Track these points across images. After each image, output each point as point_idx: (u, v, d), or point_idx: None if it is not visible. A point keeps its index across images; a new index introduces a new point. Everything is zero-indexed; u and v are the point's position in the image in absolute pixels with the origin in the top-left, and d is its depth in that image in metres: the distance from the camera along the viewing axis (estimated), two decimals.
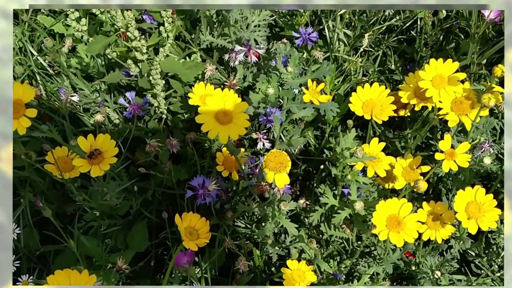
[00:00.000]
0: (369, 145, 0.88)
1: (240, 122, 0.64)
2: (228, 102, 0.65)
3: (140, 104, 0.85)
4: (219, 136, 0.63)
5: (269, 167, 0.73)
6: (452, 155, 0.77)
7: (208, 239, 0.67)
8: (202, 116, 0.64)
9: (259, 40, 1.01)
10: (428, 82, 0.87)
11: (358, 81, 1.21)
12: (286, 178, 0.74)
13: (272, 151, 0.74)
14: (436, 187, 1.07)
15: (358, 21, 1.11)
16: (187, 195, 0.83)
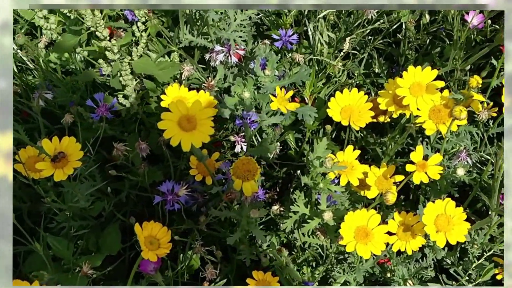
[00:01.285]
0: (344, 152, 0.86)
1: (204, 129, 0.63)
2: (192, 108, 0.63)
3: (108, 106, 0.83)
4: (182, 144, 0.62)
5: (236, 174, 0.72)
6: (423, 166, 0.75)
7: (168, 249, 0.66)
8: (164, 122, 0.62)
9: (239, 40, 1.00)
10: (406, 90, 0.86)
11: (343, 83, 1.19)
12: (254, 186, 0.72)
13: (241, 158, 0.73)
14: (415, 193, 1.06)
15: (342, 23, 1.09)
16: (155, 201, 0.82)
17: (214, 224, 0.96)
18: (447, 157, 0.97)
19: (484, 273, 0.86)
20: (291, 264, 0.83)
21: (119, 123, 1.03)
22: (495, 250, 0.86)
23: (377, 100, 0.92)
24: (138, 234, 0.65)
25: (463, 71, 1.04)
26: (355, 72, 1.20)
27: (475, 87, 0.80)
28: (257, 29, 1.25)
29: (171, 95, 0.86)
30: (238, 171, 0.71)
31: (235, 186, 0.72)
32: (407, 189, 1.08)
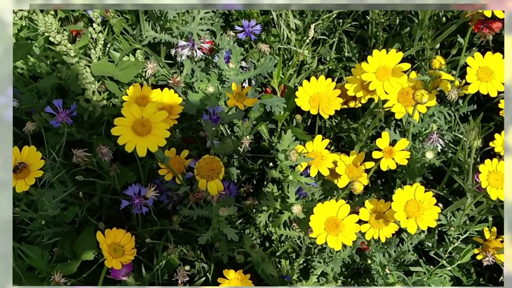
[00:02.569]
0: (313, 142, 0.85)
1: (159, 132, 0.61)
2: (146, 111, 0.62)
3: (68, 112, 0.81)
4: (137, 149, 0.60)
5: (200, 174, 0.71)
6: (390, 153, 0.74)
7: (133, 255, 0.65)
8: (118, 128, 0.61)
9: (203, 34, 0.98)
10: (372, 75, 0.84)
11: (315, 70, 1.18)
12: (219, 185, 0.71)
13: (204, 157, 0.72)
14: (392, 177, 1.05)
15: (307, 10, 1.07)
16: (122, 206, 0.81)
17: (191, 222, 0.95)
18: (421, 138, 0.96)
19: (463, 255, 0.85)
20: (267, 259, 0.82)
21: (89, 126, 1.01)
22: (471, 232, 0.85)
23: (345, 86, 0.91)
24: (101, 242, 0.64)
25: (433, 49, 1.03)
26: (327, 57, 1.18)
27: (438, 68, 0.78)
28: (226, 19, 1.23)
29: (134, 95, 0.84)
30: (201, 170, 0.70)
31: (200, 186, 0.70)
32: (385, 172, 1.07)
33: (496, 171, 0.72)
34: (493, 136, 0.87)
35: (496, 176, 0.71)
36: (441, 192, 0.92)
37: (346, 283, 0.96)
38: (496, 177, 0.71)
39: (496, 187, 0.71)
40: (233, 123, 1.01)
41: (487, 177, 0.72)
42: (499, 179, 0.71)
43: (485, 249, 0.88)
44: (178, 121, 0.99)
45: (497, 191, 0.71)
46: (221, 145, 0.75)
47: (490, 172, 0.72)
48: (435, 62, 0.78)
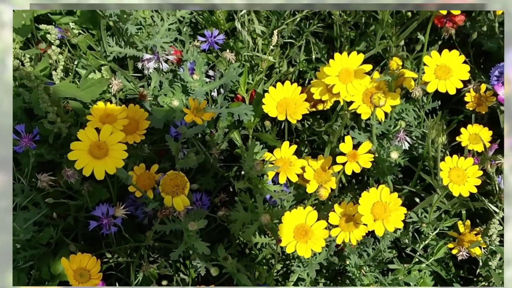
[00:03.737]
0: (280, 149, 0.85)
1: (116, 154, 0.61)
2: (103, 134, 0.62)
3: (31, 136, 0.81)
4: (94, 172, 0.60)
5: (165, 191, 0.71)
6: (354, 156, 0.74)
7: (99, 279, 0.65)
8: (74, 153, 0.61)
9: (167, 46, 0.97)
10: (335, 78, 0.84)
11: (286, 73, 1.18)
12: (185, 200, 0.71)
13: (168, 174, 0.71)
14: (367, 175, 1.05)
15: (272, 15, 1.07)
16: (90, 227, 0.80)
17: (167, 235, 0.95)
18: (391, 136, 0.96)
19: (437, 251, 0.85)
20: (242, 269, 0.82)
21: (59, 146, 1.01)
22: (446, 226, 0.85)
23: (311, 90, 0.91)
24: (66, 268, 0.64)
25: (398, 47, 1.03)
26: (297, 59, 1.18)
27: (395, 69, 0.78)
28: (195, 27, 1.23)
29: (97, 114, 0.84)
30: (166, 187, 0.70)
31: (165, 203, 0.70)
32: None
33: (458, 168, 0.72)
34: (461, 128, 0.88)
35: (458, 173, 0.72)
36: (413, 188, 0.93)
37: (327, 285, 0.96)
38: (458, 173, 0.72)
39: (458, 184, 0.71)
40: (204, 133, 1.01)
41: (448, 174, 0.72)
42: (460, 175, 0.71)
43: (460, 243, 0.88)
44: (150, 134, 0.99)
45: (459, 188, 0.71)
46: (185, 160, 0.75)
47: (451, 169, 0.72)
48: (392, 63, 0.78)
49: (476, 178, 0.71)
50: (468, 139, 0.86)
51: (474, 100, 0.91)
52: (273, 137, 0.98)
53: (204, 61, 0.88)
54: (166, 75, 1.02)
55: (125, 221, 0.95)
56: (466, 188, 0.71)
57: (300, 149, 1.13)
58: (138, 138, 0.87)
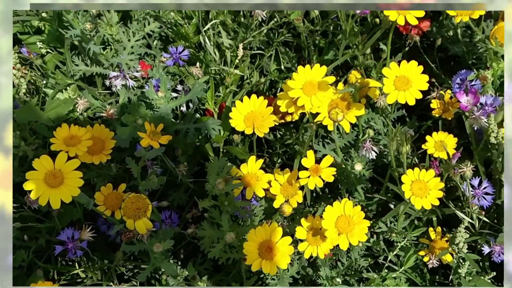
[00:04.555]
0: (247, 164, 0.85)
1: (72, 182, 0.61)
2: (58, 162, 0.61)
3: None
4: (50, 202, 0.60)
5: (127, 214, 0.70)
6: (316, 170, 0.74)
7: None
8: (30, 182, 0.60)
9: (132, 64, 0.97)
10: (299, 91, 0.84)
11: (257, 83, 1.18)
12: (148, 223, 0.71)
13: (129, 197, 0.71)
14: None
15: (239, 27, 1.07)
16: (56, 252, 0.80)
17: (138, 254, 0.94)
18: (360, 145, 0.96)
19: (407, 260, 0.86)
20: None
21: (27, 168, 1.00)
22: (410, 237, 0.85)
23: (277, 102, 0.91)
24: None
25: (366, 55, 1.03)
26: (269, 69, 1.18)
27: (354, 82, 0.79)
28: (166, 40, 1.22)
29: (61, 136, 0.83)
30: (127, 210, 0.69)
31: (127, 226, 0.70)
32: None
33: (419, 180, 0.72)
34: (426, 136, 0.88)
35: (420, 185, 0.72)
36: (384, 196, 0.93)
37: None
38: (420, 186, 0.72)
39: (420, 196, 0.72)
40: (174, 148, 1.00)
41: (410, 187, 0.72)
42: (422, 187, 0.72)
43: (431, 250, 0.88)
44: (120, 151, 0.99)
45: (421, 200, 0.71)
46: (146, 182, 0.74)
47: (413, 182, 0.72)
48: (351, 76, 0.78)
49: (438, 190, 0.72)
50: (434, 146, 0.86)
51: (440, 107, 0.91)
52: (243, 151, 0.97)
53: (168, 79, 0.88)
54: (135, 91, 1.02)
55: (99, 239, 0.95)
56: (428, 201, 0.71)
57: (273, 160, 1.14)
58: (104, 158, 0.87)
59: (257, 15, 0.99)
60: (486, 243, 0.86)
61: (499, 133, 0.78)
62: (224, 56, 1.10)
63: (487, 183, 0.80)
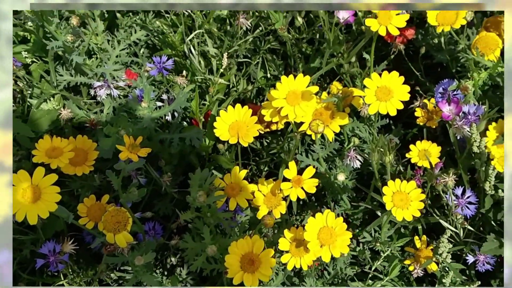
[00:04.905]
0: (231, 174, 0.85)
1: (49, 197, 0.60)
2: (35, 177, 0.61)
3: None
4: (27, 217, 0.59)
5: (107, 228, 0.70)
6: (298, 182, 0.74)
7: None
8: None
9: (116, 74, 0.97)
10: (282, 100, 0.84)
11: (244, 91, 1.17)
12: (128, 237, 0.70)
13: (109, 210, 0.71)
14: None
15: (225, 36, 1.07)
16: (37, 265, 0.79)
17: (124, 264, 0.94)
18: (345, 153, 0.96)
19: (391, 269, 0.85)
20: None
21: None
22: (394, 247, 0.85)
23: (261, 112, 0.91)
24: None
25: (351, 63, 1.03)
26: (256, 77, 1.18)
27: (336, 93, 0.78)
28: (153, 48, 1.22)
29: (43, 147, 0.83)
30: (107, 224, 0.69)
31: (108, 240, 0.69)
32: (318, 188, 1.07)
33: (401, 191, 0.72)
34: (410, 145, 0.88)
35: (401, 196, 0.71)
36: (369, 205, 0.93)
37: None
38: (401, 197, 0.71)
39: (401, 208, 0.71)
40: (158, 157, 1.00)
41: (391, 199, 0.72)
42: (404, 199, 0.71)
43: (417, 259, 0.88)
44: (105, 161, 0.98)
45: (403, 212, 0.71)
46: (126, 195, 0.74)
47: (394, 193, 0.72)
48: (332, 87, 0.78)
49: (419, 202, 0.71)
50: (418, 155, 0.86)
51: (424, 115, 0.91)
52: (228, 160, 0.97)
53: (151, 89, 0.88)
54: (121, 100, 1.02)
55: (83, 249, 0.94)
56: (410, 212, 0.71)
57: (260, 168, 1.13)
58: (87, 169, 0.86)
59: (241, 24, 0.98)
60: (471, 251, 0.85)
61: (481, 142, 0.78)
62: (210, 64, 1.10)
63: (470, 192, 0.80)
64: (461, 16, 0.81)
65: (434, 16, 0.83)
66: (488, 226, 0.89)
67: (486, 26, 0.84)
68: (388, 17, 0.79)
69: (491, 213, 0.84)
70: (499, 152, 0.78)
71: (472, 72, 0.73)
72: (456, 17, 0.81)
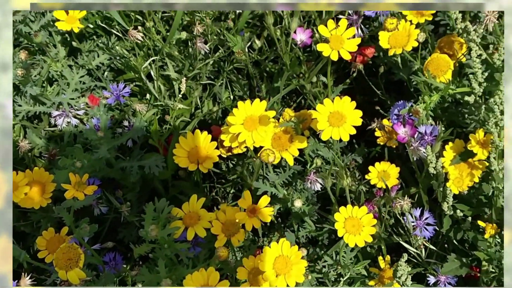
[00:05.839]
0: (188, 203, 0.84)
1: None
2: None
3: None
4: None
5: (58, 266, 0.68)
6: (253, 211, 0.73)
7: None
8: None
9: (74, 103, 0.96)
10: (240, 126, 0.84)
11: (209, 112, 1.17)
12: (81, 273, 0.69)
13: (61, 247, 0.69)
14: None
15: (185, 59, 1.06)
16: None
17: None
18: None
19: None
20: None
21: None
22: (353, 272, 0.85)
23: (221, 137, 0.90)
24: None
25: (313, 83, 1.03)
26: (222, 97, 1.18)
27: (288, 120, 0.78)
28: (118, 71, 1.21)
29: None
30: (59, 262, 0.68)
31: (60, 277, 0.68)
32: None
33: (353, 217, 0.72)
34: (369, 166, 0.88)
35: (353, 222, 0.71)
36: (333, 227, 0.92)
37: None
38: (353, 223, 0.71)
39: (353, 234, 0.71)
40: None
41: (343, 225, 0.71)
42: (356, 224, 0.71)
43: (381, 280, 0.88)
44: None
45: (355, 238, 0.71)
46: (77, 231, 0.73)
47: (346, 219, 0.72)
48: (285, 114, 0.78)
49: (371, 227, 0.71)
50: (377, 176, 0.86)
51: (384, 135, 0.91)
52: (191, 185, 0.96)
53: (108, 118, 0.87)
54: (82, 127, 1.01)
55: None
56: (362, 238, 0.71)
57: (226, 190, 1.13)
58: (45, 202, 0.85)
59: (199, 48, 0.98)
60: (435, 271, 0.85)
61: (438, 163, 0.78)
62: (173, 87, 1.10)
63: (429, 214, 0.80)
64: (412, 38, 0.81)
65: (386, 39, 0.83)
66: (451, 245, 0.89)
67: (440, 46, 0.84)
68: (340, 42, 0.79)
69: (451, 232, 0.84)
70: (455, 173, 0.78)
71: (423, 95, 0.73)
72: (408, 39, 0.81)
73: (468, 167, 0.80)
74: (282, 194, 0.82)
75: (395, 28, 0.80)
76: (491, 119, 0.72)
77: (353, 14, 0.91)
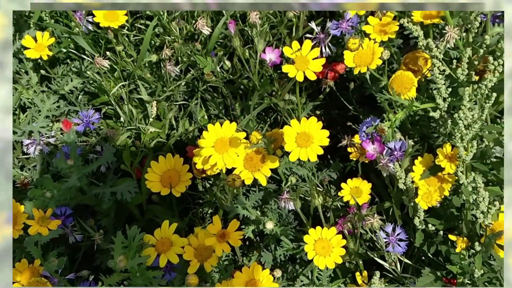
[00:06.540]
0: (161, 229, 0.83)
1: None
2: None
3: None
4: None
5: None
6: (223, 236, 0.73)
7: None
8: None
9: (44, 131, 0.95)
10: (211, 149, 0.83)
11: (184, 132, 1.17)
12: None
13: (30, 281, 0.68)
14: None
15: (157, 81, 1.06)
16: None
17: None
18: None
19: None
20: None
21: None
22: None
23: (194, 160, 0.90)
24: None
25: (286, 100, 1.03)
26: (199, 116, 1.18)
27: (256, 143, 0.78)
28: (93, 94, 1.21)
29: None
30: None
31: None
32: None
33: (322, 239, 0.72)
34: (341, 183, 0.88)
35: (323, 244, 0.71)
36: None
37: None
38: (323, 244, 0.71)
39: (323, 255, 0.71)
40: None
41: (313, 247, 0.71)
42: (325, 246, 0.71)
43: None
44: None
45: (325, 260, 0.71)
46: (46, 265, 0.72)
47: (316, 241, 0.72)
48: (252, 137, 0.78)
49: (341, 248, 0.71)
50: (350, 193, 0.86)
51: (356, 151, 0.91)
52: (164, 209, 0.96)
53: (78, 147, 0.86)
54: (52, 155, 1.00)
55: None
56: (332, 259, 0.71)
57: (204, 211, 1.12)
58: (17, 234, 0.84)
59: (169, 71, 0.98)
60: (410, 284, 0.85)
61: (407, 179, 0.78)
62: (146, 110, 1.10)
63: (400, 229, 0.80)
64: (377, 56, 0.82)
65: (352, 58, 0.84)
66: (427, 258, 0.89)
67: (405, 62, 0.85)
68: (305, 62, 0.79)
69: (425, 246, 0.84)
70: (424, 188, 0.78)
71: (388, 113, 0.73)
72: (372, 58, 0.82)
73: (438, 181, 0.80)
74: (255, 216, 0.82)
75: (357, 48, 0.81)
76: (457, 133, 0.73)
77: (319, 33, 0.92)
